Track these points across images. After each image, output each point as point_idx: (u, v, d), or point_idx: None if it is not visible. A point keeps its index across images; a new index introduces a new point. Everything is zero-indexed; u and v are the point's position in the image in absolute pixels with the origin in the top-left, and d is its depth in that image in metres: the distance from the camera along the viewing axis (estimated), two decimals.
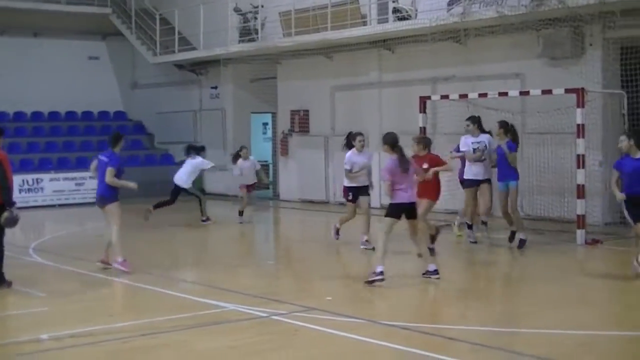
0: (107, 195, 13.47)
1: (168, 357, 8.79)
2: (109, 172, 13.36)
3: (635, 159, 12.56)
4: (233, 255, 16.55)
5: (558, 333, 9.48)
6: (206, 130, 30.07)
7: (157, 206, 20.23)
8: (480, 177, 15.84)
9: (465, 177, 16.22)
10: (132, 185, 13.60)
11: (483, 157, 15.86)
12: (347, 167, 15.70)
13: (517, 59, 20.32)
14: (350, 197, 15.95)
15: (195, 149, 21.41)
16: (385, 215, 12.22)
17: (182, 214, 21.58)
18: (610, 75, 18.91)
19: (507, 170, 15.58)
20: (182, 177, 20.47)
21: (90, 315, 10.68)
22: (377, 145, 23.65)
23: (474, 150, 15.86)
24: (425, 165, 14.16)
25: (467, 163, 16.09)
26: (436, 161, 14.57)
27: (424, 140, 14.81)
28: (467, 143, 16.00)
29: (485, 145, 15.85)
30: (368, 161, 16.01)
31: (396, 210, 12.16)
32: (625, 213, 13.01)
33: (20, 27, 30.65)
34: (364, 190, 15.90)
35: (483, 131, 16.12)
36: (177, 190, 20.42)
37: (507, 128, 15.77)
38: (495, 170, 15.92)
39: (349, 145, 15.87)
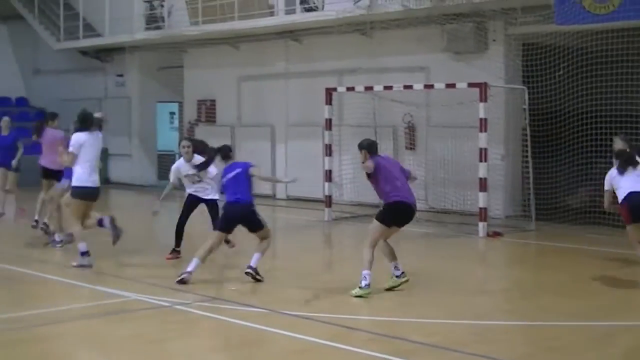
0: None
1: (71, 345, 8.68)
2: None
3: None
4: (139, 244, 16.23)
5: (454, 322, 9.67)
6: (111, 118, 29.48)
7: None
8: None
9: None
10: None
11: None
12: None
13: (422, 52, 20.55)
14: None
15: None
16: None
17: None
18: (512, 70, 19.31)
19: None
20: None
21: None
22: (282, 137, 23.82)
23: None
24: None
25: None
26: None
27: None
28: None
29: None
30: None
31: None
32: None
33: None
34: None
35: None
36: None
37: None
38: None
39: None
